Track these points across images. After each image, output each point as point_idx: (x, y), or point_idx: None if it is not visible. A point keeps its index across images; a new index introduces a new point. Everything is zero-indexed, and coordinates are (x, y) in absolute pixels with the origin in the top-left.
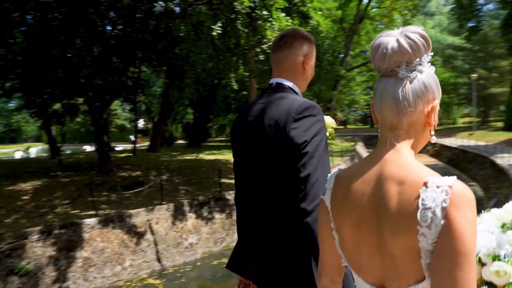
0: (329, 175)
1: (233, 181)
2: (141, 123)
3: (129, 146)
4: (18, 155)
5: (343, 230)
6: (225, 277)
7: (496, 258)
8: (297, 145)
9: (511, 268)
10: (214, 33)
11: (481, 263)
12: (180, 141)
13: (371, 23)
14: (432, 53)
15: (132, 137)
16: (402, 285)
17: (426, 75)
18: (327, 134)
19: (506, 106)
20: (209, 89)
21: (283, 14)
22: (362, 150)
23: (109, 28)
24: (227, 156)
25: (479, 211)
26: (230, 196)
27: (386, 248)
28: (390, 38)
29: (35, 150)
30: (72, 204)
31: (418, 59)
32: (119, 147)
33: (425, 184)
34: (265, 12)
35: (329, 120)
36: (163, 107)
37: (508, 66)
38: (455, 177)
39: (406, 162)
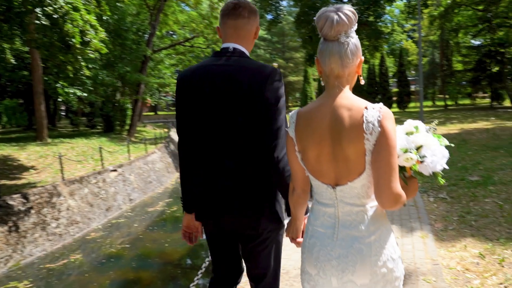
0: (292, 114)
1: (17, 182)
2: None
3: None
4: None
5: (307, 149)
6: None
7: (406, 151)
8: (269, 104)
9: (414, 155)
10: None
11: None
12: None
13: (177, 3)
14: (356, 24)
15: None
16: (350, 178)
17: (355, 39)
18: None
19: (301, 93)
20: None
21: None
22: (176, 136)
23: None
24: (7, 151)
25: None
26: (15, 201)
27: (341, 155)
28: (333, 13)
29: None
30: None
31: (351, 29)
32: None
33: (366, 107)
34: None
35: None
36: None
37: (301, 58)
38: (381, 103)
39: (350, 96)
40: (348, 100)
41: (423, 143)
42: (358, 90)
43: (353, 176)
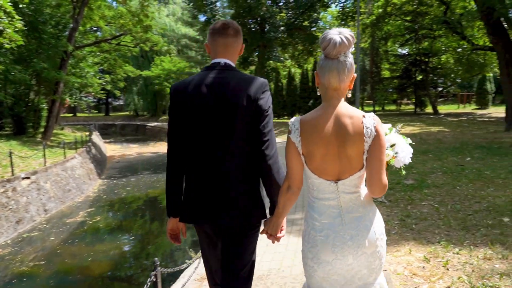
0: (293, 119)
1: None
2: None
3: None
4: None
5: (314, 151)
6: None
7: (388, 148)
8: (263, 110)
9: (390, 152)
10: None
11: None
12: None
13: None
14: (353, 47)
15: None
16: (352, 173)
17: (351, 59)
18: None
19: None
20: None
21: None
22: (98, 140)
23: None
24: None
25: None
26: None
27: (345, 154)
28: (336, 36)
29: None
30: None
31: (349, 50)
32: None
33: (364, 116)
34: None
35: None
36: None
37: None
38: (372, 113)
39: (348, 107)
40: (347, 110)
41: (395, 142)
42: (291, 95)
43: (354, 171)
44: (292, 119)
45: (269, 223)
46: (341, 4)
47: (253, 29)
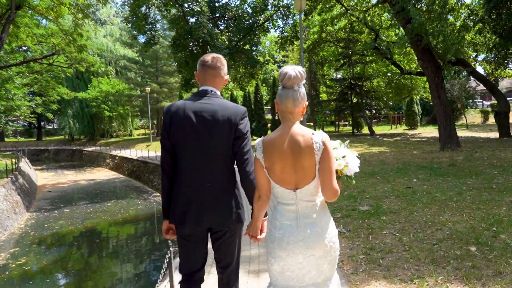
0: (257, 140)
1: None
2: None
3: None
4: None
5: (274, 165)
6: None
7: (337, 159)
8: (242, 134)
9: (342, 161)
10: None
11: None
12: None
13: (31, 15)
14: (305, 80)
15: None
16: (307, 182)
17: (303, 89)
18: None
19: None
20: None
21: None
22: (28, 168)
23: None
24: None
25: None
26: None
27: (299, 166)
28: (291, 70)
29: None
30: None
31: (301, 82)
32: None
33: (313, 133)
34: None
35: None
36: None
37: (176, 83)
38: (321, 131)
39: (301, 127)
40: (300, 130)
41: (345, 154)
42: None
43: (308, 181)
44: (257, 140)
45: (250, 226)
46: (280, 29)
47: (195, 51)
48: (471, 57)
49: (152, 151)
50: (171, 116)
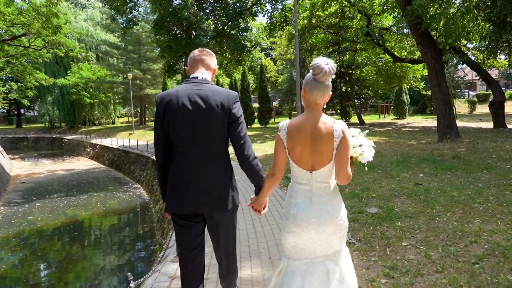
0: (283, 122)
1: None
2: None
3: None
4: None
5: (295, 146)
6: None
7: (354, 147)
8: (236, 118)
9: (358, 150)
10: None
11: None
12: None
13: None
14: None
15: None
16: (323, 165)
17: (330, 82)
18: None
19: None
20: None
21: None
22: (1, 157)
23: None
24: None
25: None
26: None
27: (318, 150)
28: (325, 66)
29: None
30: None
31: (332, 76)
32: None
33: (334, 122)
34: None
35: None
36: None
37: (160, 70)
38: (340, 120)
39: (324, 116)
40: (323, 118)
41: (362, 143)
42: None
43: (324, 164)
44: (283, 122)
45: (255, 201)
46: (269, 14)
47: (179, 35)
48: (462, 45)
49: (134, 140)
50: (165, 104)
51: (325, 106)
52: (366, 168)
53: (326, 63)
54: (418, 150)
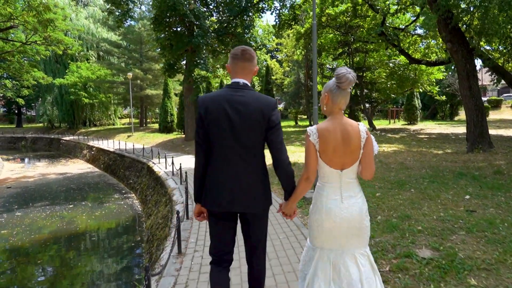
0: (312, 128)
1: None
2: None
3: None
4: None
5: (327, 149)
6: None
7: None
8: (274, 124)
9: None
10: None
11: None
12: None
13: None
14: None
15: None
16: (351, 164)
17: (350, 90)
18: None
19: (160, 108)
20: None
21: None
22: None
23: None
24: None
25: None
26: None
27: (348, 151)
28: (349, 75)
29: None
30: None
31: (353, 84)
32: None
33: (359, 125)
34: None
35: None
36: None
37: (161, 70)
38: (362, 122)
39: (347, 119)
40: (348, 121)
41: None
42: None
43: (353, 162)
44: (311, 127)
45: (286, 206)
46: (277, 11)
47: (180, 32)
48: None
49: (132, 142)
50: (206, 107)
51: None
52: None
53: (349, 73)
54: (448, 162)
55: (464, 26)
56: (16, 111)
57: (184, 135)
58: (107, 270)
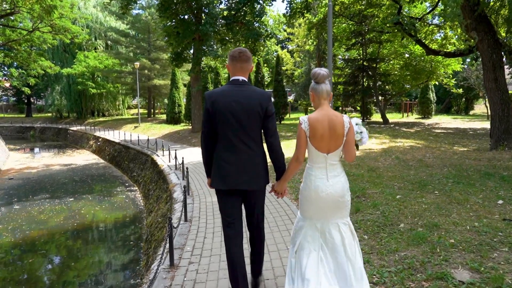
0: (303, 117)
1: None
2: None
3: None
4: None
5: (316, 135)
6: None
7: (357, 132)
8: (271, 113)
9: (358, 136)
10: None
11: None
12: None
13: None
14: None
15: None
16: (336, 149)
17: (328, 84)
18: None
19: (168, 98)
20: None
21: None
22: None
23: None
24: None
25: None
26: None
27: (334, 137)
28: (320, 70)
29: None
30: None
31: (328, 79)
32: None
33: (343, 116)
34: None
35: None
36: None
37: (169, 59)
38: (346, 114)
39: (334, 111)
40: (334, 112)
41: (362, 131)
42: None
43: (337, 147)
44: (303, 117)
45: (278, 185)
46: (288, 0)
47: (188, 19)
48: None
49: (138, 133)
50: (213, 102)
51: (331, 103)
52: (359, 147)
53: (321, 69)
54: (471, 159)
55: (493, 13)
56: (26, 101)
57: (191, 127)
58: (101, 271)
